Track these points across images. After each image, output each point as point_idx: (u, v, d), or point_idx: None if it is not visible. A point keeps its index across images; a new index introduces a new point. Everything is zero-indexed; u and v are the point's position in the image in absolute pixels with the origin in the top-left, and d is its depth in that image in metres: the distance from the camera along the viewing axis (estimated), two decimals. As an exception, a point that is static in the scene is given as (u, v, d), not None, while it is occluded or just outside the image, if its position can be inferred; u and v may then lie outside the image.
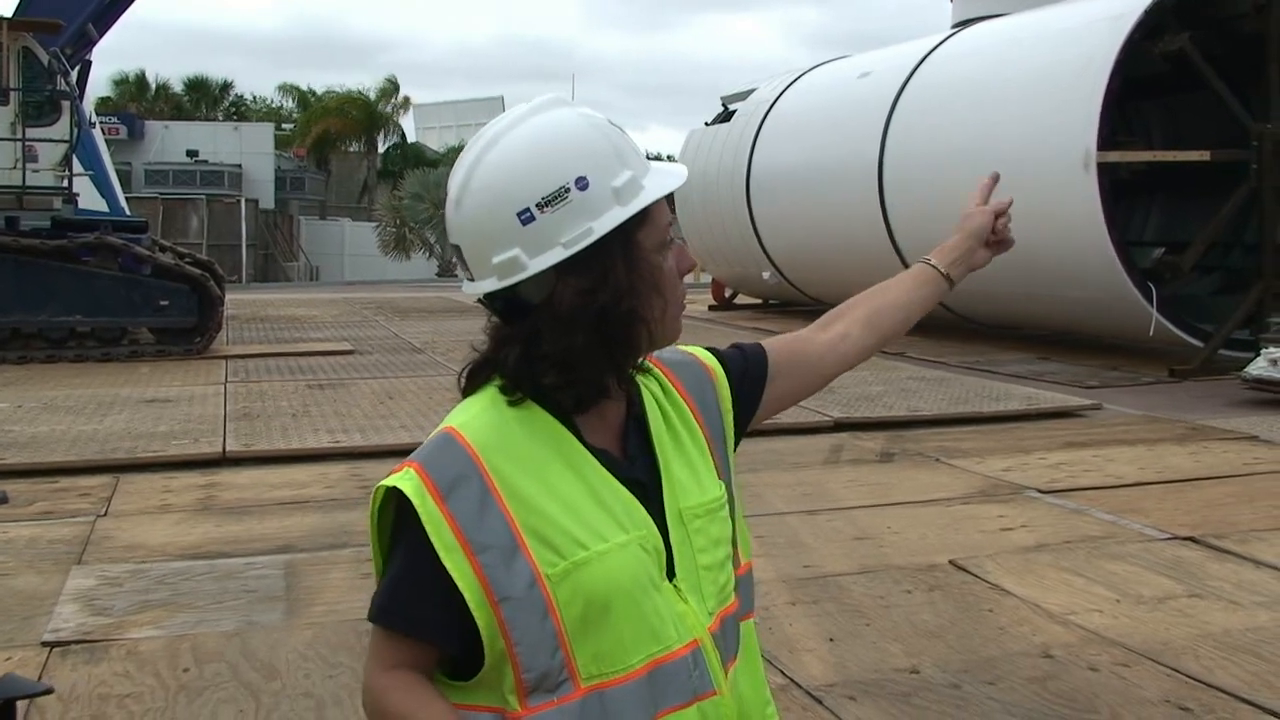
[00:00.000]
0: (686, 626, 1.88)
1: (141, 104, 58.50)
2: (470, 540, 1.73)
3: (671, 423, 2.01)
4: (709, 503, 1.99)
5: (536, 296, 1.81)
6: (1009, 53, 16.14)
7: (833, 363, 2.34)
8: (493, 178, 1.81)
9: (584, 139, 1.83)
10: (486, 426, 1.82)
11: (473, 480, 1.77)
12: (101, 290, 14.27)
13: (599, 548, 1.79)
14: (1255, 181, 13.69)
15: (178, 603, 5.38)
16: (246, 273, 43.80)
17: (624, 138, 1.88)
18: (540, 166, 1.80)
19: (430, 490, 1.75)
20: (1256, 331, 12.93)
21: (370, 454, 8.49)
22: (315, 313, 21.53)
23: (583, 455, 1.85)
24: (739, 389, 2.17)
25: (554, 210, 1.78)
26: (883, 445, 9.03)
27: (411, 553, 1.77)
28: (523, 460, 1.80)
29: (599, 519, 1.82)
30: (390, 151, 60.22)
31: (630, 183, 1.82)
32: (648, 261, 1.86)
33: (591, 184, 1.80)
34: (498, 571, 1.74)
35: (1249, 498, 7.31)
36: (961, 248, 2.50)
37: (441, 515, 1.74)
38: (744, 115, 22.48)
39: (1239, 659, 4.57)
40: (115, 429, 9.29)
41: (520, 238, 1.79)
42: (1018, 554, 6.07)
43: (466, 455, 1.78)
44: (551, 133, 1.83)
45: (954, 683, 4.39)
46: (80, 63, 17.77)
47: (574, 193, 1.79)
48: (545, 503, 1.79)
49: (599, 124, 1.87)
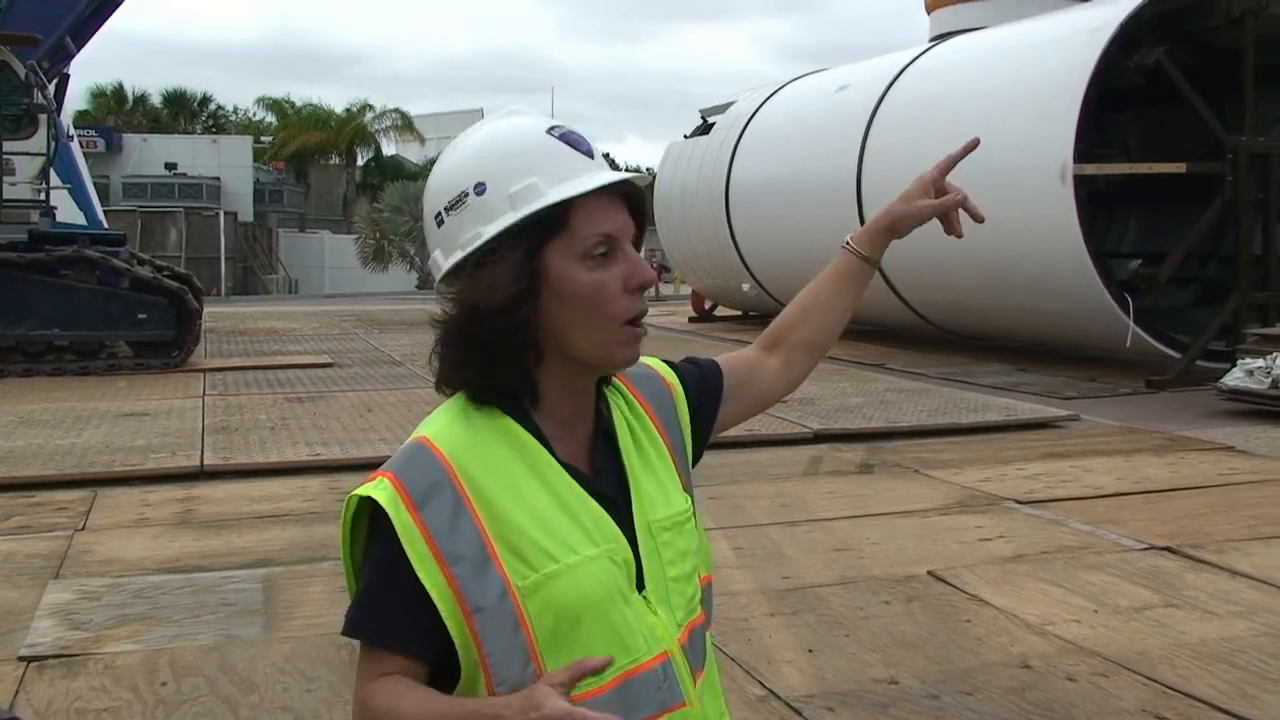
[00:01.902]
0: (656, 638, 1.89)
1: (119, 117, 58.30)
2: (443, 550, 1.73)
3: (638, 437, 2.02)
4: (676, 515, 2.00)
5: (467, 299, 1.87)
6: (986, 66, 16.23)
7: (780, 390, 2.37)
8: (430, 184, 1.91)
9: (501, 146, 1.86)
10: (458, 436, 1.83)
11: (445, 490, 1.76)
12: (79, 304, 14.21)
13: (569, 560, 1.79)
14: (1230, 194, 13.78)
15: (155, 617, 5.35)
16: (225, 286, 43.69)
17: (557, 146, 1.86)
18: (451, 173, 1.87)
19: (404, 500, 1.74)
20: (1233, 342, 13.03)
21: (349, 467, 8.47)
22: (294, 325, 21.48)
23: (552, 467, 1.85)
24: (697, 405, 2.18)
25: (456, 214, 1.84)
26: (862, 456, 9.05)
27: (384, 563, 1.76)
28: (494, 470, 1.80)
29: (569, 531, 1.82)
30: (369, 164, 60.14)
31: (528, 189, 1.82)
32: (555, 271, 1.83)
33: (489, 189, 1.82)
34: (470, 582, 1.73)
35: (1225, 508, 7.35)
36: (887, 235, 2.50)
37: (415, 525, 1.73)
38: (723, 128, 22.53)
39: (1215, 668, 4.59)
40: (93, 443, 9.25)
41: (437, 240, 1.88)
42: (996, 564, 6.09)
43: (439, 464, 1.78)
44: (475, 142, 1.89)
45: (932, 693, 4.40)
46: (58, 76, 17.72)
47: (471, 197, 1.83)
48: (516, 514, 1.79)
49: (527, 132, 1.88)
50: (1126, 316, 13.17)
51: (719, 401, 2.23)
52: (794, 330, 2.38)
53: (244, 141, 55.59)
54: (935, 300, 16.75)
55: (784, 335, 2.38)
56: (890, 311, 17.80)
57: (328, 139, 57.52)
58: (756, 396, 2.32)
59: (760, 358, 2.35)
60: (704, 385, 2.20)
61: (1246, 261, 13.81)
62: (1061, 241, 13.42)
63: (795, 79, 22.30)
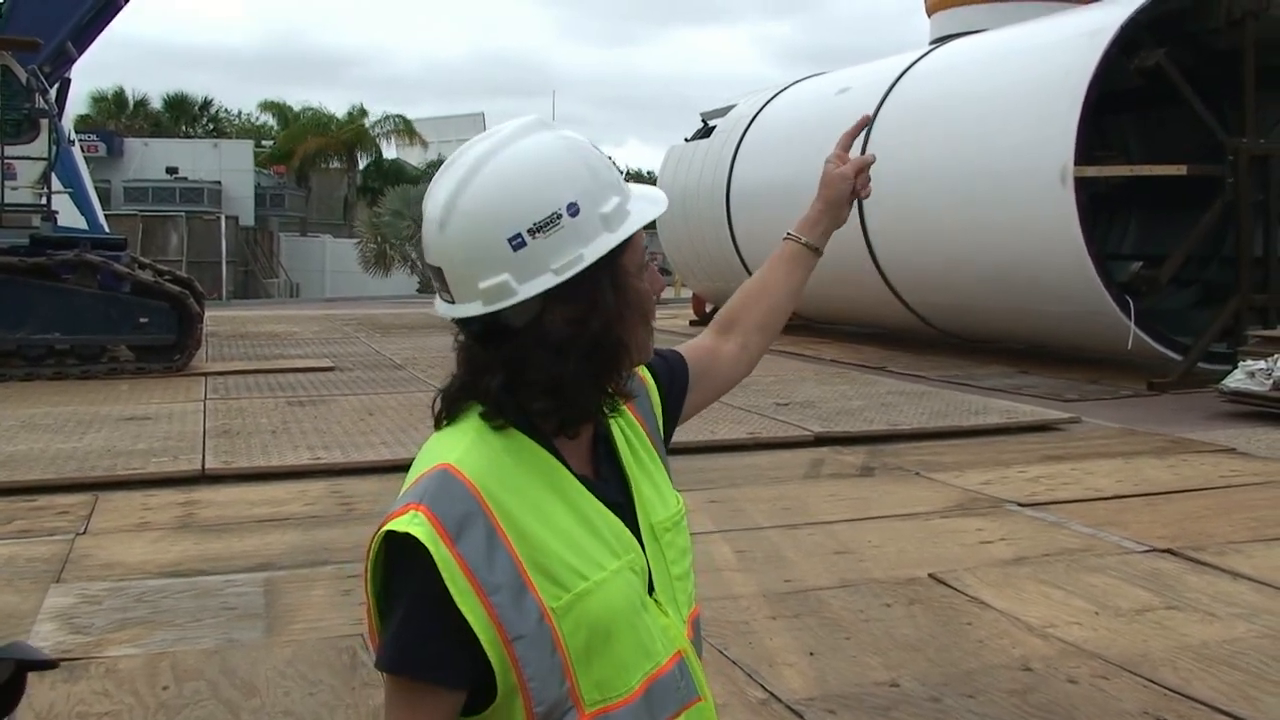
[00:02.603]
0: (670, 638, 1.90)
1: (120, 121, 58.36)
2: (483, 582, 1.70)
3: (631, 440, 2.03)
4: (674, 515, 2.02)
5: (519, 321, 1.79)
6: (987, 68, 16.24)
7: (739, 373, 2.42)
8: (483, 201, 1.78)
9: (572, 164, 1.82)
10: (482, 461, 1.80)
11: (478, 520, 1.74)
12: (80, 308, 14.20)
13: (598, 577, 1.80)
14: (1231, 196, 13.79)
15: (157, 620, 5.36)
16: (226, 290, 43.68)
17: (605, 162, 1.88)
18: (531, 191, 1.78)
19: (440, 533, 1.70)
20: (1234, 344, 13.03)
21: (350, 471, 8.47)
22: (295, 329, 21.48)
23: (572, 483, 1.85)
24: (666, 398, 2.21)
25: (546, 236, 1.76)
26: (863, 459, 9.05)
27: (424, 598, 1.72)
28: (519, 494, 1.79)
29: (594, 548, 1.82)
30: (370, 168, 60.17)
31: (618, 209, 1.82)
32: (632, 287, 1.86)
33: (582, 210, 1.78)
34: (509, 611, 1.72)
35: (1226, 510, 7.35)
36: (825, 218, 2.54)
37: (453, 559, 1.70)
38: (724, 131, 22.54)
39: (1216, 670, 4.59)
40: (94, 447, 9.25)
41: (510, 263, 1.77)
42: (997, 567, 6.09)
43: (469, 493, 1.75)
44: (541, 157, 1.81)
45: (934, 696, 4.40)
46: (59, 80, 17.74)
47: (565, 218, 1.77)
48: (545, 536, 1.78)
49: (584, 149, 1.86)
50: (1127, 319, 13.16)
51: (685, 392, 2.27)
52: (747, 314, 2.45)
53: (245, 145, 55.62)
54: (936, 303, 16.75)
55: (737, 319, 2.44)
56: (891, 314, 17.82)
57: (328, 143, 57.56)
58: (717, 382, 2.37)
59: (717, 344, 2.39)
60: (672, 378, 2.23)
61: (1247, 263, 13.82)
62: (1062, 244, 13.42)
63: (796, 82, 22.31)
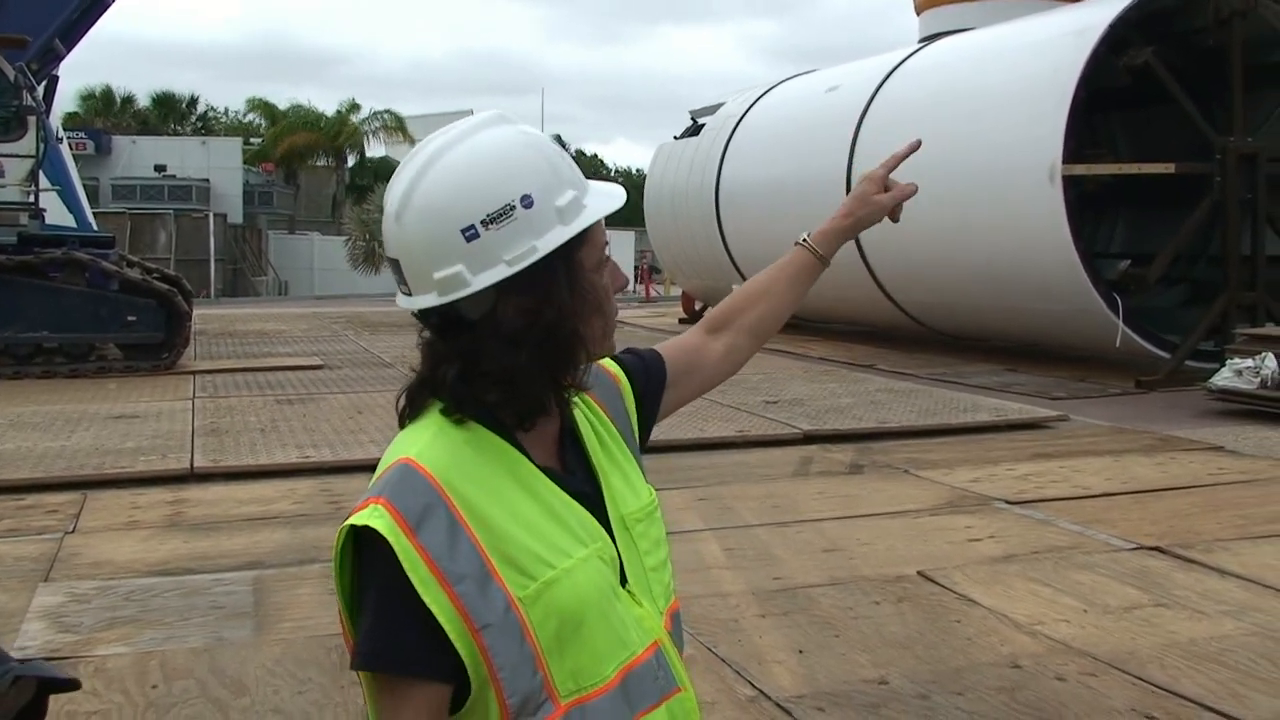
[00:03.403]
0: (645, 629, 1.91)
1: (108, 119, 58.21)
2: (445, 571, 1.71)
3: (599, 433, 2.04)
4: (646, 506, 2.03)
5: (475, 313, 1.81)
6: (975, 67, 16.27)
7: (723, 374, 2.43)
8: (437, 193, 1.80)
9: (528, 157, 1.83)
10: (443, 454, 1.81)
11: (439, 510, 1.75)
12: (69, 306, 14.16)
13: (564, 565, 1.80)
14: (1219, 194, 13.82)
15: (146, 619, 5.35)
16: (215, 287, 43.57)
17: (565, 157, 1.89)
18: (486, 183, 1.80)
19: (401, 525, 1.72)
20: (1222, 342, 13.06)
21: (339, 469, 8.47)
22: (284, 327, 21.45)
23: (534, 474, 1.86)
24: (642, 397, 2.22)
25: (499, 227, 1.78)
26: (852, 457, 9.06)
27: (390, 592, 1.73)
28: (481, 484, 1.80)
29: (559, 536, 1.83)
30: (358, 165, 60.10)
31: (573, 202, 1.83)
32: (588, 281, 1.87)
33: (536, 202, 1.80)
34: (474, 600, 1.72)
35: (1214, 507, 7.37)
36: (846, 235, 2.49)
37: (414, 549, 1.71)
38: (712, 129, 22.55)
39: (1204, 667, 4.61)
40: (83, 445, 9.23)
41: (464, 254, 1.78)
42: (985, 565, 6.11)
43: (429, 485, 1.77)
44: (497, 150, 1.83)
45: (922, 693, 4.41)
46: (47, 78, 17.67)
47: (519, 210, 1.79)
48: (509, 525, 1.79)
49: (542, 143, 1.87)
50: (1116, 317, 13.19)
51: (662, 391, 2.28)
52: (742, 317, 2.44)
53: (233, 143, 55.49)
54: (925, 301, 16.77)
55: (730, 321, 2.44)
56: (881, 312, 17.84)
57: (318, 140, 57.46)
58: (698, 383, 2.38)
59: (704, 343, 2.39)
60: (648, 377, 2.24)
61: (1235, 262, 13.85)
62: (1051, 242, 13.45)
63: (785, 80, 22.33)
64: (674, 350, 2.36)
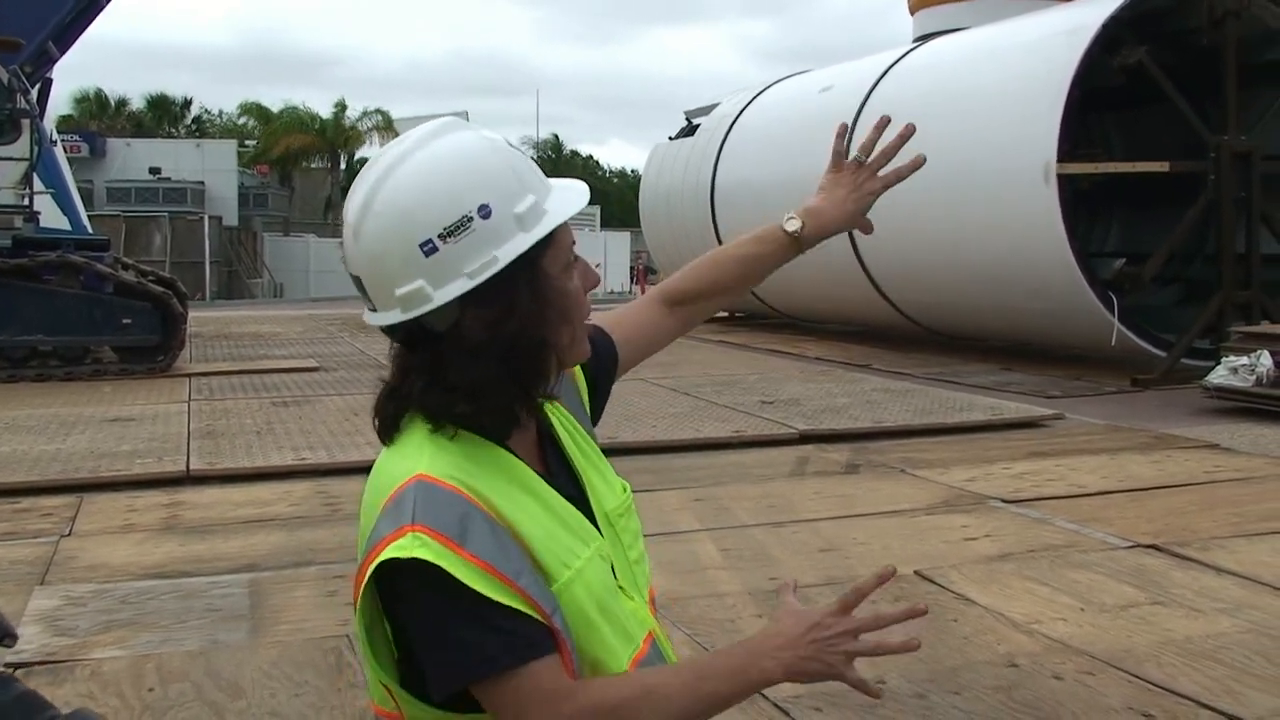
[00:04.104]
0: (640, 621, 1.93)
1: (103, 121, 58.18)
2: (503, 571, 1.68)
3: (572, 433, 2.03)
4: (624, 501, 2.04)
5: (441, 325, 1.78)
6: (969, 66, 16.27)
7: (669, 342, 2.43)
8: (392, 209, 1.75)
9: (485, 163, 1.79)
10: (449, 464, 1.77)
11: (476, 516, 1.72)
12: (63, 309, 14.14)
13: (577, 565, 1.80)
14: (1214, 193, 13.84)
15: (142, 622, 5.34)
16: (210, 290, 43.61)
17: (525, 160, 1.85)
18: (441, 194, 1.75)
19: (446, 543, 1.67)
20: (1217, 341, 13.07)
21: (336, 471, 8.45)
22: (280, 329, 21.43)
23: (533, 478, 1.85)
24: (594, 383, 2.21)
25: (456, 240, 1.73)
26: (848, 457, 9.06)
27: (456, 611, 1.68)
28: (494, 491, 1.77)
29: (567, 538, 1.82)
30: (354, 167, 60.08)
31: (533, 208, 1.79)
32: (554, 287, 1.82)
33: (494, 211, 1.75)
34: (536, 590, 1.71)
35: (1210, 505, 7.37)
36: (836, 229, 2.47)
37: (468, 561, 1.67)
38: (707, 130, 22.55)
39: (1201, 665, 4.61)
40: (78, 448, 9.22)
41: (423, 269, 1.74)
42: (982, 564, 6.11)
43: (457, 495, 1.73)
44: (451, 158, 1.78)
45: (919, 693, 4.40)
46: (41, 80, 17.65)
47: (477, 221, 1.74)
48: (529, 528, 1.77)
49: (499, 147, 1.82)
50: (1111, 315, 13.20)
51: (614, 370, 2.27)
52: (707, 301, 2.42)
53: (228, 145, 55.50)
54: (921, 301, 16.78)
55: (694, 299, 2.40)
56: (876, 312, 17.84)
57: (314, 142, 57.45)
58: (648, 352, 2.38)
59: (661, 319, 2.36)
60: (599, 363, 2.22)
61: (1230, 260, 13.86)
62: (1046, 241, 13.45)
63: (779, 80, 22.33)
64: (629, 328, 2.31)
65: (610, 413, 2.38)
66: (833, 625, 1.90)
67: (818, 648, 1.88)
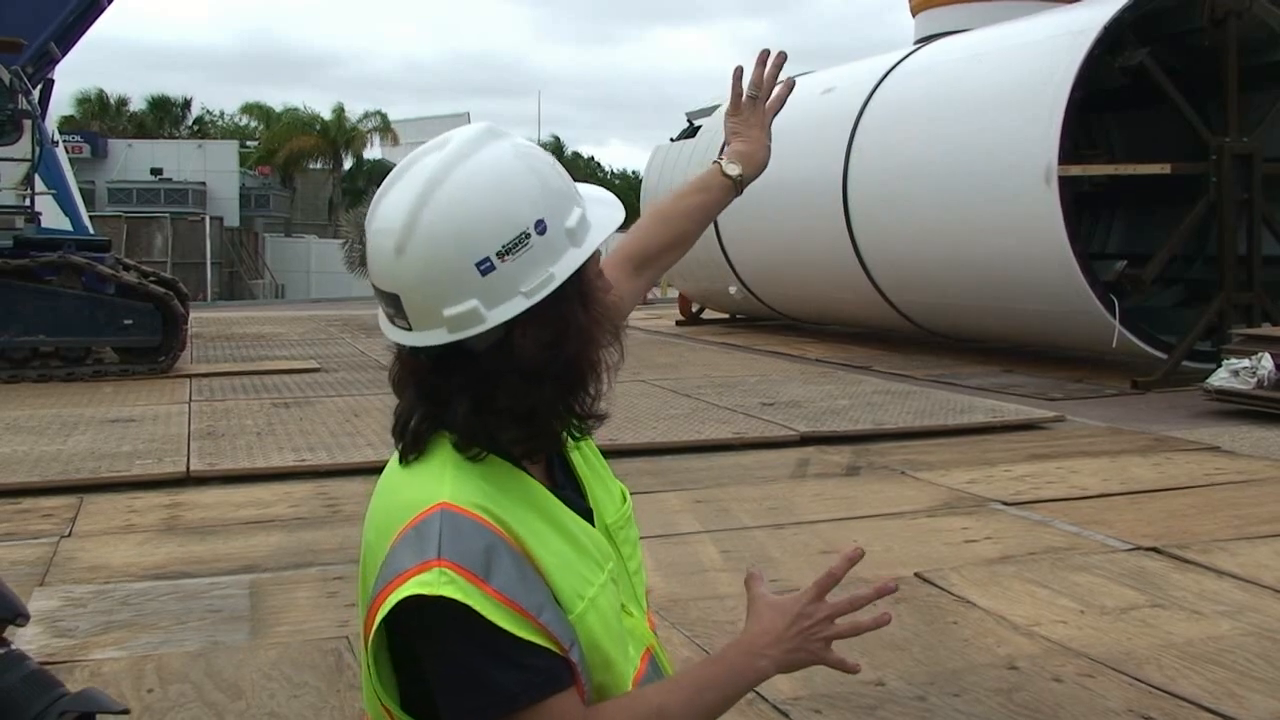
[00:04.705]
0: (638, 637, 1.89)
1: (104, 122, 58.21)
2: (525, 606, 1.65)
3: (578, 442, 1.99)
4: (623, 511, 1.99)
5: (482, 345, 1.71)
6: (971, 68, 16.26)
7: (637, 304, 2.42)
8: (445, 224, 1.66)
9: (532, 178, 1.71)
10: (475, 492, 1.71)
11: (501, 549, 1.67)
12: (65, 309, 14.14)
13: (590, 594, 1.76)
14: (1215, 194, 13.83)
15: (142, 623, 5.34)
16: (211, 291, 43.62)
17: (562, 170, 1.78)
18: (497, 211, 1.67)
19: (472, 580, 1.62)
20: (1218, 343, 13.06)
21: (336, 472, 8.46)
22: (281, 330, 21.43)
23: (552, 502, 1.79)
24: None
25: (515, 258, 1.66)
26: (849, 459, 9.06)
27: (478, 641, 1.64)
28: (517, 519, 1.72)
29: (584, 565, 1.78)
30: (355, 168, 60.13)
31: (581, 221, 1.74)
32: (600, 300, 1.77)
33: (549, 226, 1.69)
34: (557, 624, 1.68)
35: (1211, 508, 7.37)
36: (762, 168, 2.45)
37: (493, 598, 1.63)
38: (709, 131, 22.54)
39: (1201, 668, 4.60)
40: (79, 449, 9.22)
41: (478, 289, 1.66)
42: (982, 566, 6.10)
43: (482, 526, 1.68)
44: (500, 172, 1.69)
45: (919, 695, 4.40)
46: (42, 81, 17.66)
47: (534, 238, 1.67)
48: (548, 560, 1.73)
49: (540, 158, 1.75)
50: (1112, 317, 13.20)
51: None
52: (669, 254, 2.41)
53: (229, 146, 55.51)
54: (921, 302, 16.77)
55: (654, 260, 2.38)
56: (877, 314, 17.84)
57: (316, 143, 57.47)
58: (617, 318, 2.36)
59: (629, 287, 2.32)
60: None
61: (1231, 262, 13.85)
62: (1047, 243, 13.45)
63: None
64: None
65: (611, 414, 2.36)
66: (813, 613, 1.90)
67: (803, 638, 1.89)
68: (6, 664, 1.54)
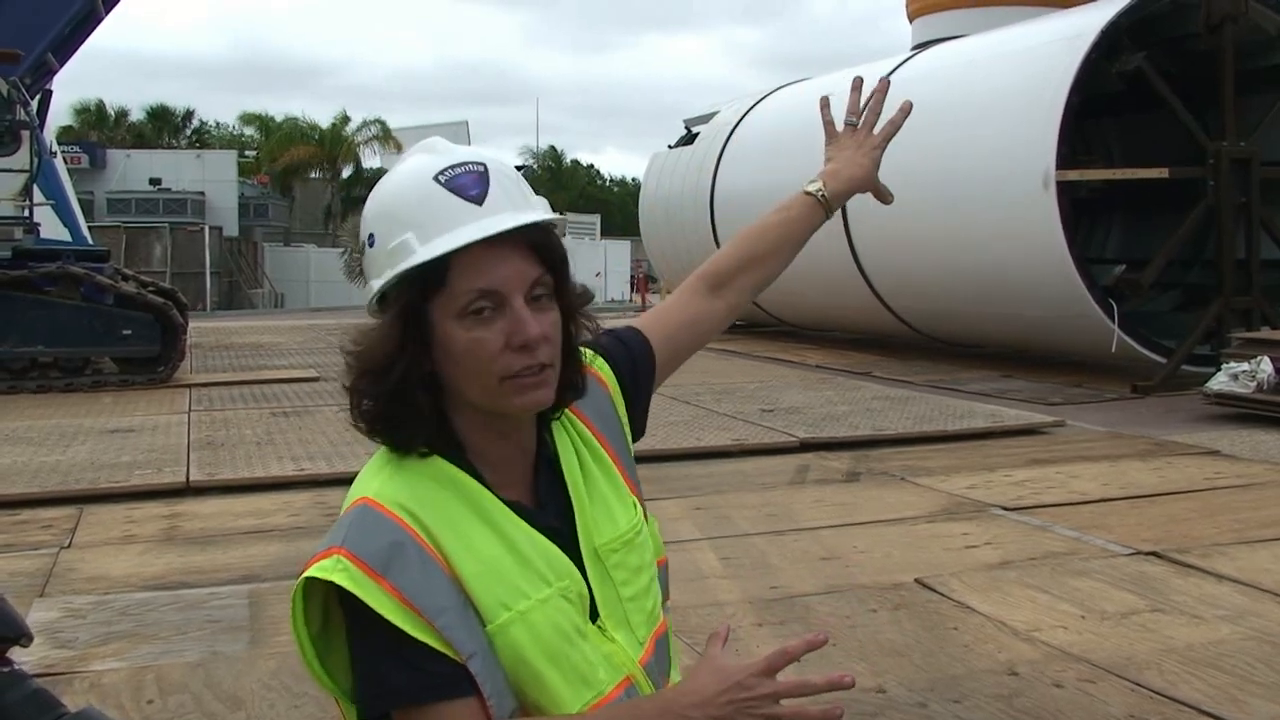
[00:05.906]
0: (616, 665, 1.85)
1: (103, 132, 58.24)
2: (423, 608, 1.67)
3: (584, 460, 1.97)
4: (625, 534, 1.95)
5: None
6: (968, 74, 16.28)
7: (719, 330, 2.40)
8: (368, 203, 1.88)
9: (386, 196, 1.82)
10: (402, 489, 1.76)
11: (407, 547, 1.70)
12: (64, 320, 14.14)
13: (521, 606, 1.75)
14: (1213, 199, 13.84)
15: (141, 634, 5.34)
16: (211, 300, 43.61)
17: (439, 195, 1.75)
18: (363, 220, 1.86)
19: (366, 571, 1.67)
20: (1217, 347, 13.06)
21: (335, 481, 8.44)
22: (280, 340, 21.44)
23: (498, 508, 1.80)
24: (630, 389, 2.14)
25: (368, 255, 1.84)
26: (848, 465, 9.06)
27: (379, 635, 1.68)
28: (443, 519, 1.74)
29: (519, 575, 1.77)
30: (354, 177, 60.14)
31: (402, 245, 1.74)
32: (438, 329, 1.76)
33: (377, 243, 1.80)
34: (458, 631, 1.69)
35: (1211, 512, 7.36)
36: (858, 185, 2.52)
37: (386, 592, 1.66)
38: (706, 138, 22.57)
39: (1202, 672, 4.60)
40: (78, 460, 9.22)
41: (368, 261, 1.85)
42: (983, 571, 6.10)
43: (393, 523, 1.72)
44: (387, 179, 1.85)
45: (920, 701, 4.40)
46: (41, 91, 17.67)
47: (367, 249, 1.83)
48: (469, 565, 1.73)
49: (418, 180, 1.77)
50: (1111, 322, 13.20)
51: (652, 375, 2.21)
52: (746, 276, 2.39)
53: (228, 156, 55.54)
54: (921, 308, 16.78)
55: (734, 279, 2.37)
56: (876, 319, 17.84)
57: (315, 153, 57.50)
58: (696, 345, 2.33)
59: (705, 307, 2.31)
60: (635, 369, 2.17)
61: (1229, 266, 13.86)
62: (1045, 248, 13.46)
63: (778, 88, 22.35)
64: (670, 324, 2.26)
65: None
66: (754, 687, 1.81)
67: (734, 709, 1.79)
68: (8, 683, 1.55)
